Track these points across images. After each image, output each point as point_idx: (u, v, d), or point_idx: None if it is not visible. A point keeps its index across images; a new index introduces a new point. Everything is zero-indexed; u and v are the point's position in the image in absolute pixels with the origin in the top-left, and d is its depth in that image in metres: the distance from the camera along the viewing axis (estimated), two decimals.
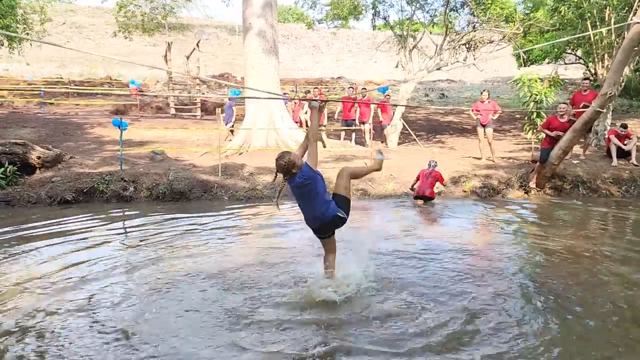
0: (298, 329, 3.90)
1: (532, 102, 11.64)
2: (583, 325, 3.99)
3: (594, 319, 4.09)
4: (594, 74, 14.47)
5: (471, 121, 17.89)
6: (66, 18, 40.80)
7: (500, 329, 3.90)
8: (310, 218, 4.43)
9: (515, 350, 3.57)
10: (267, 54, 13.24)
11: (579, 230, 7.14)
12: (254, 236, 7.07)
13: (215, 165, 10.40)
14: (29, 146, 9.89)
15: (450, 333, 3.82)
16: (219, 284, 4.89)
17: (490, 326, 3.94)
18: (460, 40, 15.06)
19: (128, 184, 9.49)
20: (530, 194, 9.89)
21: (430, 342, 3.68)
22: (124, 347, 3.63)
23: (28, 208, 8.68)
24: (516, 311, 4.24)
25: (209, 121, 18.08)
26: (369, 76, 34.19)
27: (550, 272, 5.29)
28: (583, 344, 3.68)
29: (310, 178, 4.21)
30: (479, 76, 28.91)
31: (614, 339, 3.76)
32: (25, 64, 25.93)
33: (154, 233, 7.00)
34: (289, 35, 43.87)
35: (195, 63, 21.71)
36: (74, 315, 4.19)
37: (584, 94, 10.91)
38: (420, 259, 5.68)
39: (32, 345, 3.66)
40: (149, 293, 4.67)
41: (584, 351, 3.58)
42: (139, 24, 24.94)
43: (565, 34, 14.84)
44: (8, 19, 13.84)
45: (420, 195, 9.21)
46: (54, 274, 5.18)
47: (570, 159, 10.85)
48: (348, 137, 14.70)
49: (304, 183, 4.22)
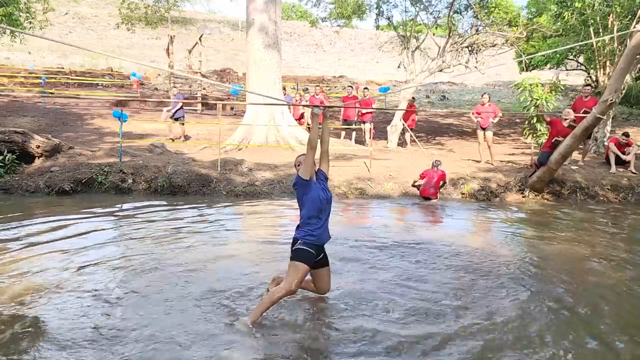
0: (292, 329, 3.91)
1: (533, 107, 11.65)
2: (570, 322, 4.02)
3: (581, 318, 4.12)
4: (596, 81, 14.48)
5: (471, 124, 17.93)
6: (69, 8, 40.67)
7: (487, 329, 3.92)
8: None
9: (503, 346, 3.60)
10: (269, 50, 13.23)
11: (575, 235, 7.16)
12: (250, 231, 7.08)
13: (214, 160, 10.40)
14: (29, 135, 9.88)
15: (438, 334, 3.85)
16: (213, 278, 4.90)
17: (477, 325, 3.96)
18: (463, 43, 15.06)
19: (127, 176, 9.48)
20: (528, 197, 9.91)
21: (423, 339, 3.71)
22: (109, 339, 3.65)
23: (26, 197, 8.67)
24: (506, 312, 4.26)
25: (209, 116, 18.07)
26: (370, 76, 34.19)
27: (544, 275, 5.31)
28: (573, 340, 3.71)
29: (298, 184, 4.10)
30: (481, 79, 28.95)
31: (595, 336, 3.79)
32: (27, 53, 25.88)
33: (151, 226, 7.00)
34: (292, 32, 43.83)
35: (198, 57, 21.68)
36: (69, 305, 4.20)
37: (585, 100, 10.93)
38: (414, 258, 5.70)
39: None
40: (143, 286, 4.68)
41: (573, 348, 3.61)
42: (142, 17, 24.86)
43: (568, 40, 14.87)
44: (11, 7, 13.80)
45: (426, 196, 9.57)
46: (47, 262, 5.19)
47: (569, 165, 10.87)
48: (348, 136, 14.70)
49: (294, 187, 4.19)
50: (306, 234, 4.04)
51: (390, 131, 14.78)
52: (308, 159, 4.01)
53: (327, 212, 4.15)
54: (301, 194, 4.10)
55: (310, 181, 4.04)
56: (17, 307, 4.10)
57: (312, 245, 4.03)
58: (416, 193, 9.90)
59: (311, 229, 4.05)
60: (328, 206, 4.15)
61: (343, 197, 9.55)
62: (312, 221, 4.05)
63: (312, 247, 4.03)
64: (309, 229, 4.05)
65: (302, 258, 3.99)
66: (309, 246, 4.02)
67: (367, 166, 10.76)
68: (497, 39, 15.38)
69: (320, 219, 4.08)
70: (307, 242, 4.02)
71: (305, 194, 4.07)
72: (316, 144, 4.06)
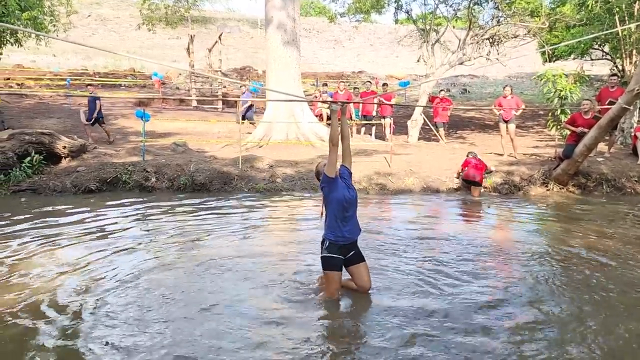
0: (312, 326, 3.94)
1: (557, 98, 11.44)
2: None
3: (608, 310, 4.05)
4: (622, 70, 14.14)
5: (493, 117, 17.69)
6: (91, 10, 41.38)
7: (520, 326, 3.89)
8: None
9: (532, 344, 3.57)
10: (288, 47, 13.26)
11: (602, 228, 7.02)
12: (272, 228, 7.13)
13: (235, 158, 10.48)
14: (55, 136, 10.10)
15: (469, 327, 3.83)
16: (237, 274, 4.96)
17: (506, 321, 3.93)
18: (484, 34, 14.85)
19: (150, 175, 9.64)
20: (552, 191, 9.75)
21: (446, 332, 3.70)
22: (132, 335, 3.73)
23: (54, 196, 8.88)
24: (532, 308, 4.21)
25: (229, 114, 18.20)
26: (390, 71, 33.97)
27: (570, 272, 5.23)
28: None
29: (324, 182, 4.18)
30: (502, 71, 28.53)
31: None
32: (52, 56, 26.40)
33: (175, 223, 7.12)
34: (311, 29, 43.81)
35: (218, 56, 21.85)
36: (104, 300, 4.31)
37: (612, 90, 10.68)
38: (439, 252, 5.67)
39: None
40: (169, 282, 4.77)
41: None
42: (163, 17, 25.17)
43: (593, 29, 14.53)
44: (35, 11, 14.08)
45: (471, 180, 9.48)
46: (78, 258, 5.33)
47: (594, 157, 10.65)
48: (368, 131, 14.66)
49: (321, 186, 4.25)
50: (332, 234, 4.14)
51: (411, 126, 14.68)
52: (331, 156, 4.06)
53: (353, 210, 4.21)
54: (327, 192, 4.17)
55: (335, 179, 4.11)
56: (72, 295, 4.30)
57: (337, 247, 4.13)
58: (437, 187, 9.82)
59: (337, 229, 4.13)
60: (354, 205, 4.21)
61: (363, 193, 9.54)
62: (338, 222, 4.13)
63: (337, 250, 4.14)
64: (334, 230, 4.14)
65: (329, 266, 4.15)
66: (332, 251, 4.13)
67: (388, 161, 10.72)
68: (519, 30, 15.13)
69: (346, 218, 4.14)
70: (331, 245, 4.13)
71: (331, 192, 4.13)
72: (337, 141, 4.11)
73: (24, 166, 9.24)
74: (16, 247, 5.79)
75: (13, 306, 4.13)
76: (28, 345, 3.54)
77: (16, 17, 12.38)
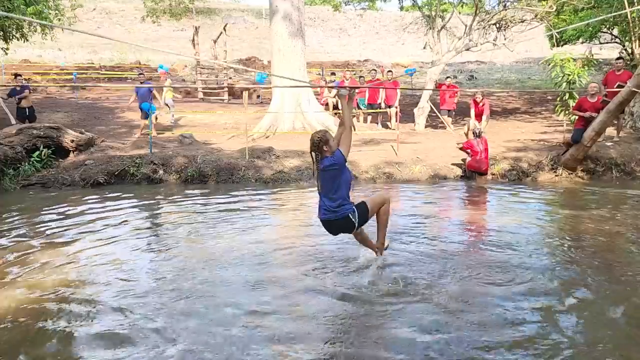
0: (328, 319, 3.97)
1: (565, 83, 11.32)
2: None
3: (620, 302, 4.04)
4: (631, 54, 13.96)
5: (499, 102, 17.53)
6: (96, 4, 41.37)
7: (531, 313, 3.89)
8: (323, 208, 4.31)
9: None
10: (293, 37, 13.21)
11: (612, 214, 6.97)
12: (281, 218, 7.16)
13: (242, 149, 10.50)
14: (63, 130, 10.16)
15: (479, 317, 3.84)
16: (247, 266, 5.00)
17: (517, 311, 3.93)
18: (491, 20, 14.69)
19: (158, 167, 9.68)
20: (561, 176, 9.68)
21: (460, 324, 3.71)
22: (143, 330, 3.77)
23: (62, 190, 8.95)
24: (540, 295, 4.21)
25: (236, 105, 18.21)
26: (396, 58, 33.75)
27: (581, 256, 5.21)
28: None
29: (339, 163, 4.15)
30: (510, 57, 28.24)
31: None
32: (57, 50, 26.49)
33: (183, 215, 7.17)
34: (316, 17, 43.55)
35: (223, 47, 21.81)
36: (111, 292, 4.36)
37: (618, 73, 10.55)
38: (446, 241, 5.67)
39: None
40: (180, 274, 4.81)
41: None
42: (167, 9, 25.17)
43: (601, 12, 14.34)
44: (40, 5, 14.13)
45: (476, 170, 9.40)
46: (86, 250, 5.39)
47: (603, 141, 10.55)
48: (375, 120, 14.60)
49: (332, 166, 4.16)
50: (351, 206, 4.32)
51: (417, 113, 14.61)
52: (349, 138, 4.22)
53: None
54: (338, 174, 4.20)
55: (345, 161, 4.22)
56: (79, 287, 4.31)
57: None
58: (445, 174, 9.78)
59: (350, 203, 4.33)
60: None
61: (370, 182, 9.53)
62: (349, 200, 4.31)
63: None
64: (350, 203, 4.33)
65: (364, 220, 4.36)
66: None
67: (395, 150, 10.69)
68: (526, 14, 14.95)
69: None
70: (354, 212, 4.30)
71: (342, 173, 4.22)
72: (351, 122, 4.22)
73: (32, 160, 9.31)
74: (26, 240, 5.85)
75: (21, 300, 4.17)
76: (37, 336, 3.59)
77: (21, 12, 12.43)
